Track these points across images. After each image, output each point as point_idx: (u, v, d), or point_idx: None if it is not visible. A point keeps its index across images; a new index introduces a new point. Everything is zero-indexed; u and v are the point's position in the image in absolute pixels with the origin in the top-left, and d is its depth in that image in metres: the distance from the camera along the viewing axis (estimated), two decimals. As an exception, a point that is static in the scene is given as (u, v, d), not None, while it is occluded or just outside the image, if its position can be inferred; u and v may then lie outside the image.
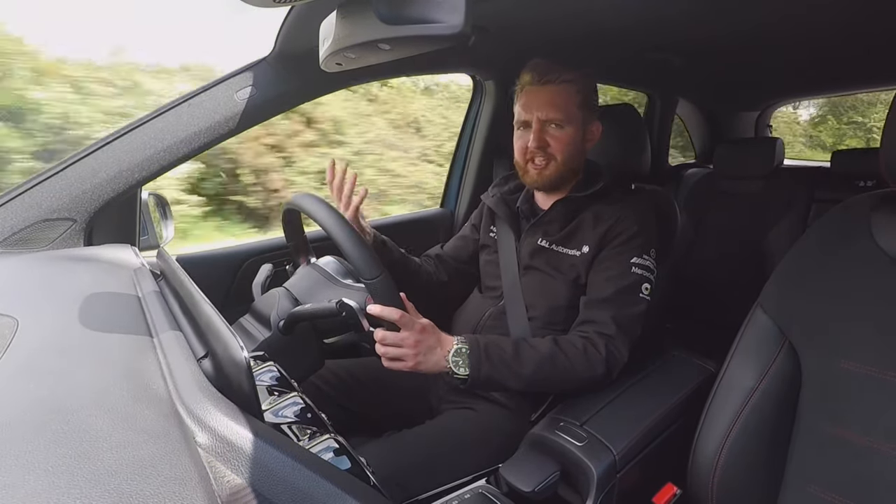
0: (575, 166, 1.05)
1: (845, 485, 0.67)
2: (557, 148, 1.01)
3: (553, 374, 0.87)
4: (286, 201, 0.95)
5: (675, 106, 2.40)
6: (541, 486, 0.76)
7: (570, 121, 1.00)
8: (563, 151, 1.01)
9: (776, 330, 0.76)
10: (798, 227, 1.77)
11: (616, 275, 0.96)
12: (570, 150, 1.02)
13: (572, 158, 1.03)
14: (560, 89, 0.99)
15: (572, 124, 1.01)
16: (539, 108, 1.00)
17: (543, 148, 1.01)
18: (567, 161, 1.02)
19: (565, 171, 1.03)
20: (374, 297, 0.79)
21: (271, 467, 0.38)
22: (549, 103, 1.00)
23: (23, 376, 0.46)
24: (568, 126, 1.00)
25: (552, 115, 1.00)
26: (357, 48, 0.51)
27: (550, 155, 1.01)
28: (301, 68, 1.11)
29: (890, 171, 0.69)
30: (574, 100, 1.00)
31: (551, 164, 1.02)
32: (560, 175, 1.03)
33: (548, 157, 1.02)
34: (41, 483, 0.32)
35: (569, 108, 1.00)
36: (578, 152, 1.04)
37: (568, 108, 1.00)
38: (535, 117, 1.01)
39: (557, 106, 0.99)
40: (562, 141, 1.01)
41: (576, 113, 1.01)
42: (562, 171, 1.03)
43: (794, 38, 1.32)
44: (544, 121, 1.00)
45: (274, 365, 0.71)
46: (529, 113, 1.02)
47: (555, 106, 0.99)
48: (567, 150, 1.01)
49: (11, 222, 0.91)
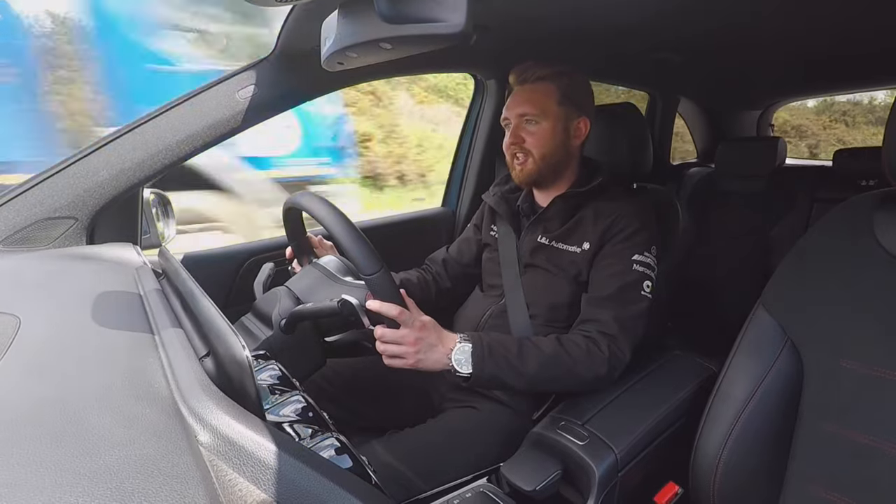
0: (555, 162, 1.05)
1: (847, 484, 0.67)
2: (532, 143, 1.03)
3: (556, 374, 0.87)
4: (286, 200, 0.95)
5: (677, 105, 2.39)
6: (542, 485, 0.77)
7: (545, 116, 1.01)
8: (538, 146, 1.02)
9: (778, 329, 0.76)
10: (800, 226, 1.77)
11: (618, 272, 0.96)
12: (547, 146, 1.03)
13: (551, 154, 1.03)
14: (535, 87, 1.02)
15: (548, 120, 1.02)
16: (516, 106, 1.03)
17: (519, 144, 1.03)
18: (545, 157, 1.03)
19: (544, 167, 1.04)
20: (374, 292, 0.79)
21: (273, 466, 0.38)
22: (525, 101, 1.02)
23: (25, 375, 0.46)
24: (544, 121, 1.02)
25: (527, 111, 1.02)
26: (359, 47, 0.51)
27: (527, 151, 1.03)
28: (303, 67, 1.11)
29: (892, 169, 0.68)
30: (552, 96, 1.02)
31: (529, 160, 1.04)
32: (539, 171, 1.04)
33: (525, 153, 1.04)
34: (43, 481, 0.32)
35: (545, 105, 1.01)
36: (558, 148, 1.04)
37: (544, 104, 1.01)
38: (513, 114, 1.04)
39: (533, 102, 1.02)
40: (536, 136, 1.02)
41: (554, 109, 1.02)
42: (540, 166, 1.04)
43: (795, 37, 1.32)
44: (520, 116, 1.03)
45: (275, 364, 0.71)
46: (508, 111, 1.05)
47: (530, 102, 1.02)
48: (543, 146, 1.02)
49: (13, 221, 0.91)
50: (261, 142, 3.56)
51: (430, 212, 1.76)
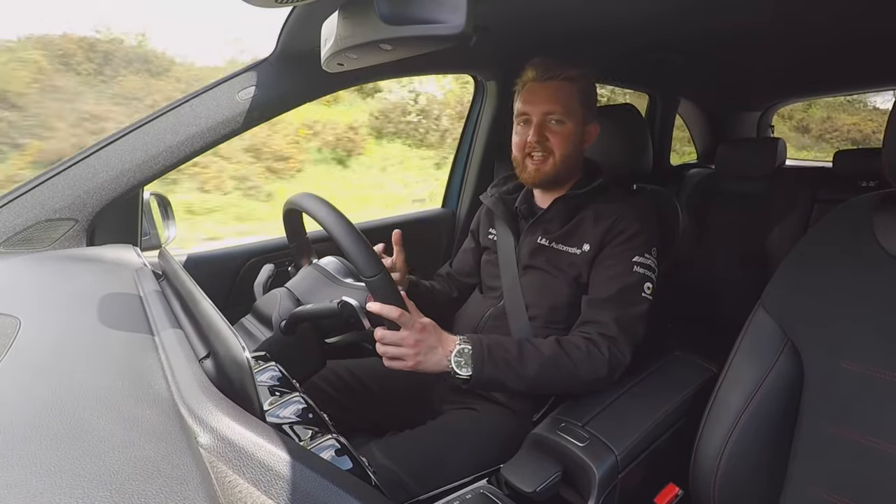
0: (572, 164, 1.05)
1: (847, 485, 0.66)
2: (556, 143, 1.02)
3: (556, 376, 0.87)
4: (287, 201, 0.95)
5: (677, 106, 2.39)
6: (542, 486, 0.76)
7: (570, 117, 1.01)
8: (562, 147, 1.02)
9: (778, 330, 0.76)
10: (800, 227, 1.77)
11: (618, 273, 0.96)
12: (569, 147, 1.02)
13: (570, 155, 1.03)
14: (562, 85, 1.01)
15: (572, 120, 1.01)
16: (541, 103, 1.01)
17: (543, 142, 1.02)
18: (565, 157, 1.02)
19: (562, 168, 1.03)
20: (374, 294, 0.79)
21: (273, 467, 0.38)
22: (552, 98, 1.01)
23: (25, 376, 0.46)
24: (568, 122, 1.01)
25: (553, 108, 1.00)
26: (359, 48, 0.51)
27: (549, 150, 1.02)
28: (303, 68, 1.11)
29: (892, 171, 0.68)
30: (575, 97, 1.01)
31: (549, 160, 1.03)
32: (557, 172, 1.03)
33: (547, 152, 1.02)
34: (43, 483, 0.32)
35: (570, 105, 1.01)
36: (576, 150, 1.04)
37: (569, 104, 1.01)
38: (536, 111, 1.02)
39: (559, 101, 1.00)
40: (561, 136, 1.01)
41: (577, 109, 1.02)
42: (559, 167, 1.03)
43: (795, 39, 1.32)
44: (546, 114, 1.01)
45: (275, 365, 0.71)
46: (531, 107, 1.02)
47: (557, 101, 1.00)
48: (566, 146, 1.02)
49: (14, 222, 0.91)
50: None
51: (431, 212, 1.76)
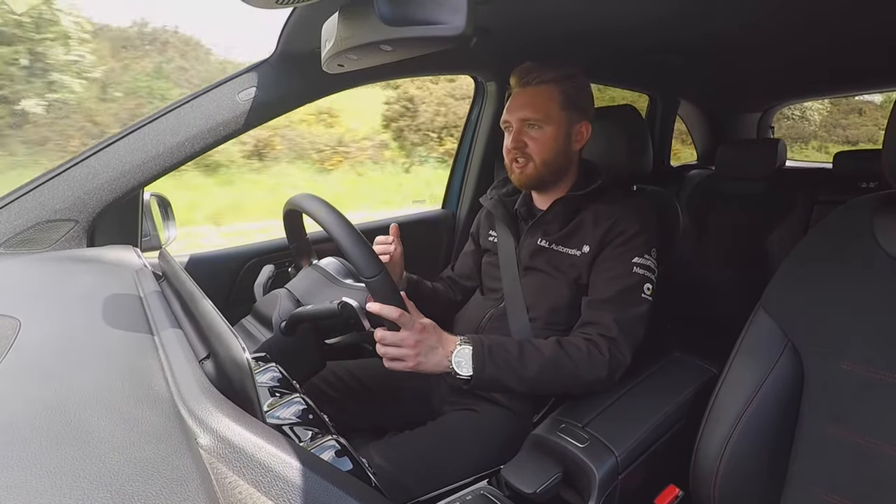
0: (557, 167, 1.04)
1: (848, 486, 0.66)
2: (535, 149, 1.02)
3: (556, 377, 0.87)
4: (287, 202, 0.95)
5: (677, 107, 2.39)
6: (543, 487, 0.76)
7: (549, 121, 1.00)
8: (540, 152, 1.02)
9: (778, 331, 0.76)
10: (800, 228, 1.77)
11: (618, 275, 0.96)
12: (550, 151, 1.02)
13: (553, 159, 1.03)
14: (539, 90, 1.00)
15: (552, 124, 1.01)
16: (517, 110, 1.02)
17: (521, 148, 1.02)
18: (547, 162, 1.02)
19: (545, 172, 1.03)
20: (374, 295, 0.79)
21: (273, 469, 0.38)
22: (528, 104, 1.01)
23: (25, 377, 0.46)
24: (547, 126, 1.01)
25: (529, 115, 1.00)
26: (359, 49, 0.51)
27: (528, 155, 1.02)
28: (303, 69, 1.11)
29: (892, 172, 0.68)
30: (556, 100, 1.00)
31: (530, 165, 1.03)
32: (540, 176, 1.03)
33: (526, 158, 1.02)
34: (43, 483, 0.32)
35: (548, 109, 1.00)
36: (560, 153, 1.03)
37: (547, 108, 1.00)
38: (514, 118, 1.02)
39: (536, 106, 1.00)
40: (539, 141, 1.01)
41: (557, 113, 1.01)
42: (541, 171, 1.03)
43: (795, 39, 1.32)
44: (523, 121, 1.02)
45: (275, 366, 0.71)
46: (509, 115, 1.03)
47: (533, 106, 1.00)
48: (545, 151, 1.02)
49: (14, 223, 0.91)
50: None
51: (431, 213, 1.76)
